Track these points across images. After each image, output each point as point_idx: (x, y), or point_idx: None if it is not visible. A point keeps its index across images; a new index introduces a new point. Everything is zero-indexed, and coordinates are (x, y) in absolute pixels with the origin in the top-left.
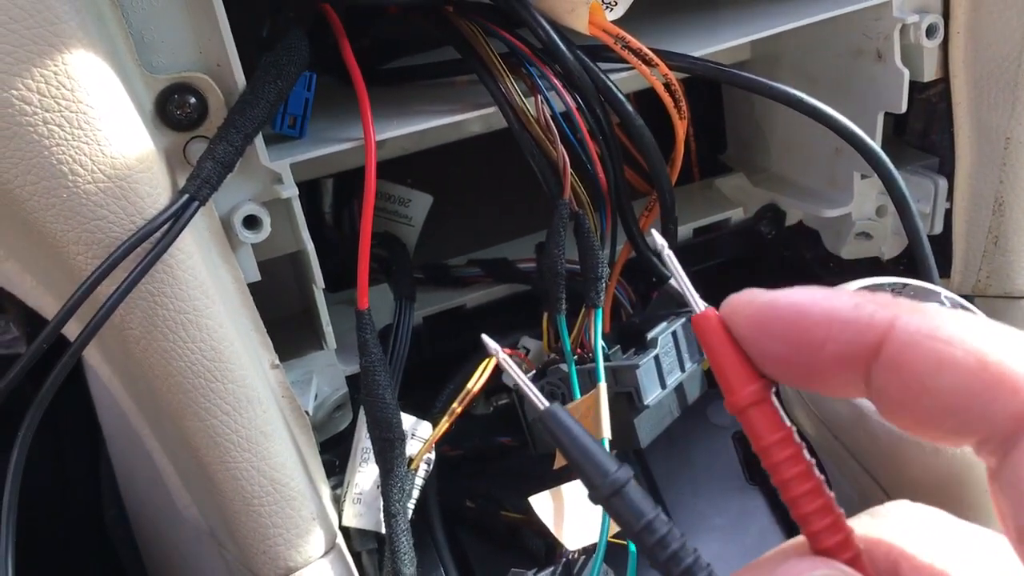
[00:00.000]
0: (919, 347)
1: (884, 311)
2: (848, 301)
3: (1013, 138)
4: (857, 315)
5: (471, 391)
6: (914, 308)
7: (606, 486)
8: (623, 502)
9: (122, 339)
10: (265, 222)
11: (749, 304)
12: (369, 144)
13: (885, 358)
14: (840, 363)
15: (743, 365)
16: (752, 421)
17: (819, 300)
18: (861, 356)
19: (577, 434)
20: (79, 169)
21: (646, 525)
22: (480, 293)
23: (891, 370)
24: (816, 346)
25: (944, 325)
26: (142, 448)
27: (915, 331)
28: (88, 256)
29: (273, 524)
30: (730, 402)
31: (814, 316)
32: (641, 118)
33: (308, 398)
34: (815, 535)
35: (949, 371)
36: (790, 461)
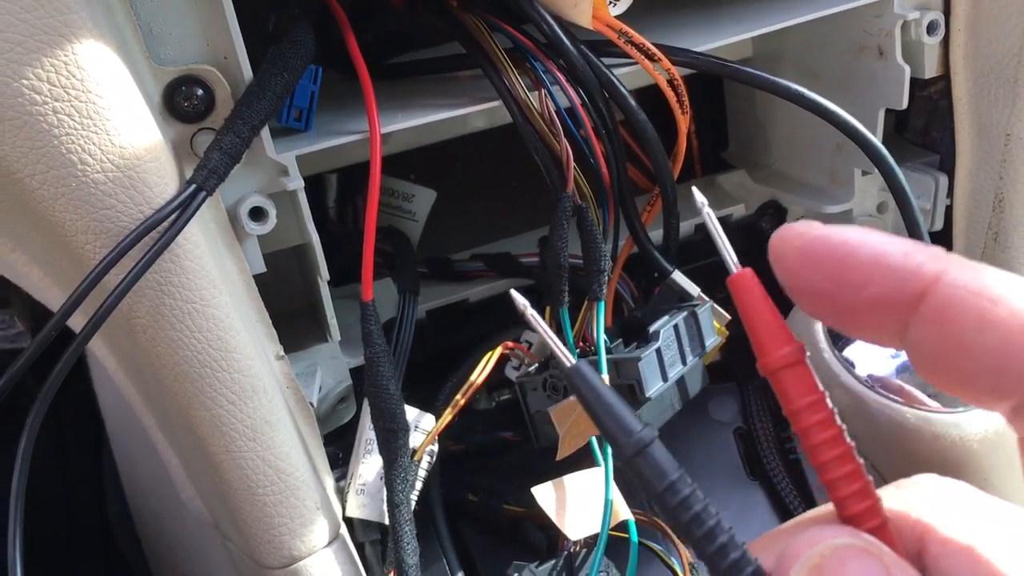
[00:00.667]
0: (964, 303)
1: (934, 263)
2: (899, 247)
3: (1013, 135)
4: (905, 262)
5: (474, 383)
6: (965, 264)
7: (630, 445)
8: (646, 462)
9: (129, 329)
10: (271, 214)
11: (801, 236)
12: (374, 136)
13: (927, 310)
14: (880, 307)
15: (777, 326)
16: (784, 383)
17: (870, 241)
18: (902, 304)
19: (602, 391)
20: (88, 159)
21: (669, 486)
22: (483, 287)
23: (932, 323)
24: (859, 286)
25: (993, 284)
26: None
27: (962, 286)
28: (96, 245)
29: (277, 513)
30: (763, 363)
31: (862, 255)
32: (644, 113)
33: (312, 390)
34: (842, 501)
35: (991, 330)
36: (820, 426)
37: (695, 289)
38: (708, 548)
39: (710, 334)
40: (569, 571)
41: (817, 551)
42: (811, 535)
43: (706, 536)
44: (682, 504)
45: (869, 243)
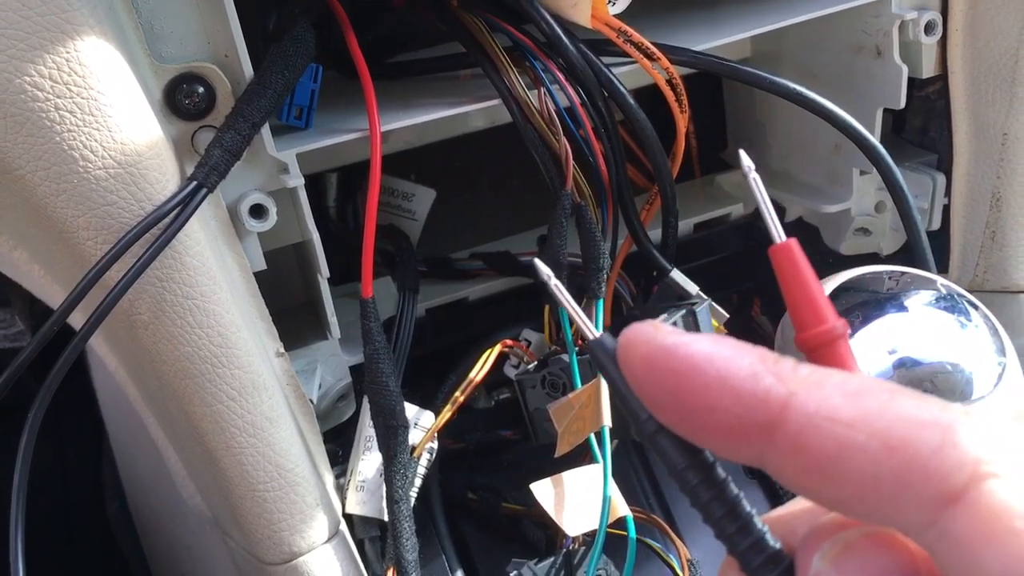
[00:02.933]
0: (816, 431)
1: (780, 386)
2: (746, 367)
3: (1010, 134)
4: (752, 388)
5: (473, 380)
6: (814, 383)
7: (653, 420)
8: (669, 438)
9: (130, 325)
10: (271, 211)
11: (647, 343)
12: (374, 133)
13: (781, 441)
14: (730, 434)
15: (819, 301)
16: (822, 361)
17: (717, 359)
18: (753, 433)
19: None
20: (90, 155)
21: (691, 463)
22: (482, 286)
23: (788, 455)
24: (704, 410)
25: (845, 405)
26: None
27: (813, 412)
28: (97, 241)
29: (277, 509)
30: (801, 339)
31: (707, 377)
32: (643, 112)
33: (312, 387)
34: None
35: (852, 458)
36: None
37: (693, 287)
38: (728, 528)
39: (708, 332)
40: (568, 568)
41: (842, 537)
42: (836, 520)
43: (727, 515)
44: (704, 482)
45: (715, 362)
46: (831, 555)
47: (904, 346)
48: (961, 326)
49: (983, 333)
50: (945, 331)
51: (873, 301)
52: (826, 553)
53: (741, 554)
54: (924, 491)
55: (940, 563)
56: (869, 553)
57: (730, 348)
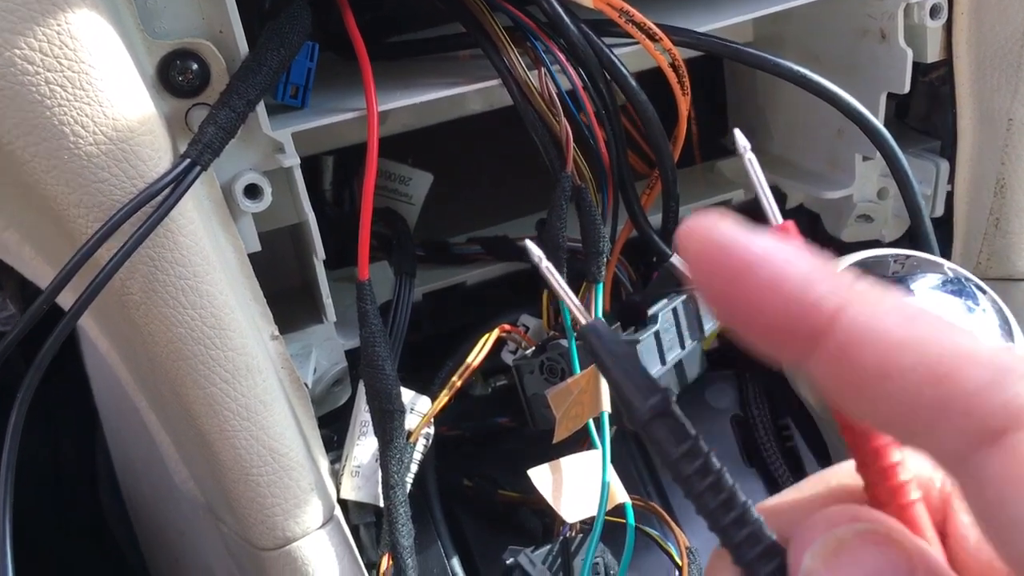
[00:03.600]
0: (863, 346)
1: (834, 296)
2: (800, 273)
3: (1016, 120)
4: (803, 294)
5: (471, 365)
6: (868, 299)
7: (645, 409)
8: (663, 427)
9: (122, 305)
10: (266, 191)
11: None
12: (371, 113)
13: (824, 351)
14: (776, 336)
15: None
16: None
17: (772, 260)
18: (799, 338)
19: (619, 351)
20: (81, 130)
21: (685, 453)
22: (480, 271)
23: (829, 365)
24: (752, 309)
25: (898, 325)
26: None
27: (862, 327)
28: (89, 219)
29: (271, 494)
30: None
31: (759, 277)
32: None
33: (307, 371)
34: (872, 477)
35: (895, 379)
36: None
37: None
38: (722, 519)
39: (709, 319)
40: (565, 556)
41: (835, 535)
42: (830, 516)
43: (721, 506)
44: (698, 472)
45: (770, 263)
46: (823, 553)
47: None
48: (968, 310)
49: (991, 317)
50: (952, 315)
51: None
52: (817, 551)
53: (735, 547)
54: (962, 426)
55: (966, 498)
56: (862, 552)
57: (788, 251)
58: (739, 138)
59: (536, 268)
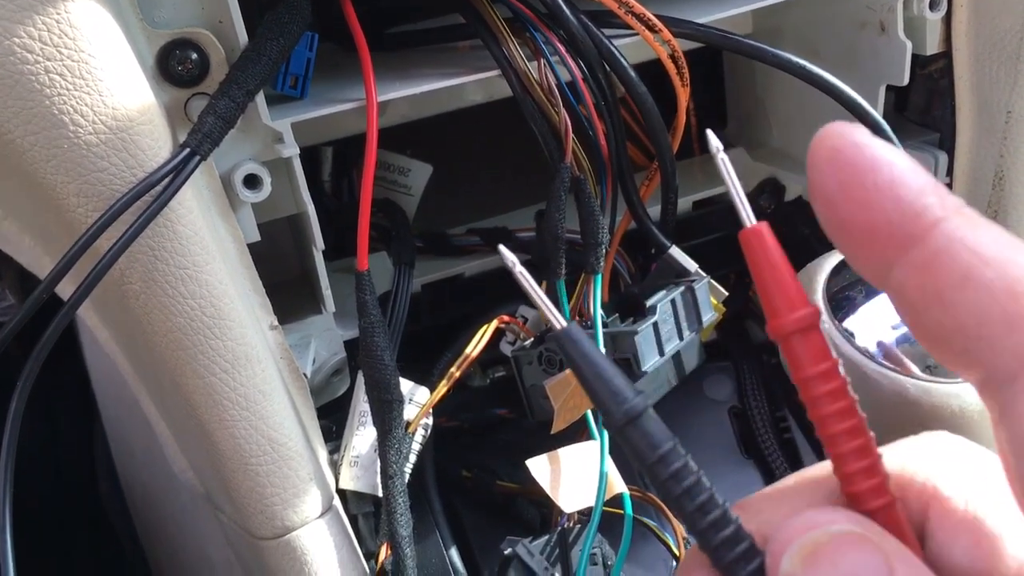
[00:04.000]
0: (952, 255)
1: (940, 209)
2: (917, 181)
3: (1014, 112)
4: (913, 199)
5: (469, 356)
6: (973, 219)
7: (621, 413)
8: (638, 431)
9: (121, 295)
10: (265, 181)
11: (840, 136)
12: (371, 103)
13: (916, 254)
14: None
15: (792, 287)
16: (795, 349)
17: (895, 168)
18: (897, 241)
19: (595, 356)
20: (80, 120)
21: (661, 457)
22: (479, 262)
23: (917, 268)
24: (863, 205)
25: (992, 244)
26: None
27: (958, 238)
28: (88, 209)
29: (270, 483)
30: (773, 326)
31: (880, 176)
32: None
33: (306, 361)
34: (848, 477)
35: (974, 289)
36: (831, 396)
37: (692, 265)
38: (699, 523)
39: (707, 310)
40: (562, 546)
41: (812, 538)
42: (807, 519)
43: (698, 510)
44: (674, 476)
45: (893, 168)
46: (800, 557)
47: None
48: None
49: None
50: None
51: None
52: (795, 554)
53: (713, 550)
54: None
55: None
56: (839, 554)
57: (911, 164)
58: (712, 139)
59: (510, 273)
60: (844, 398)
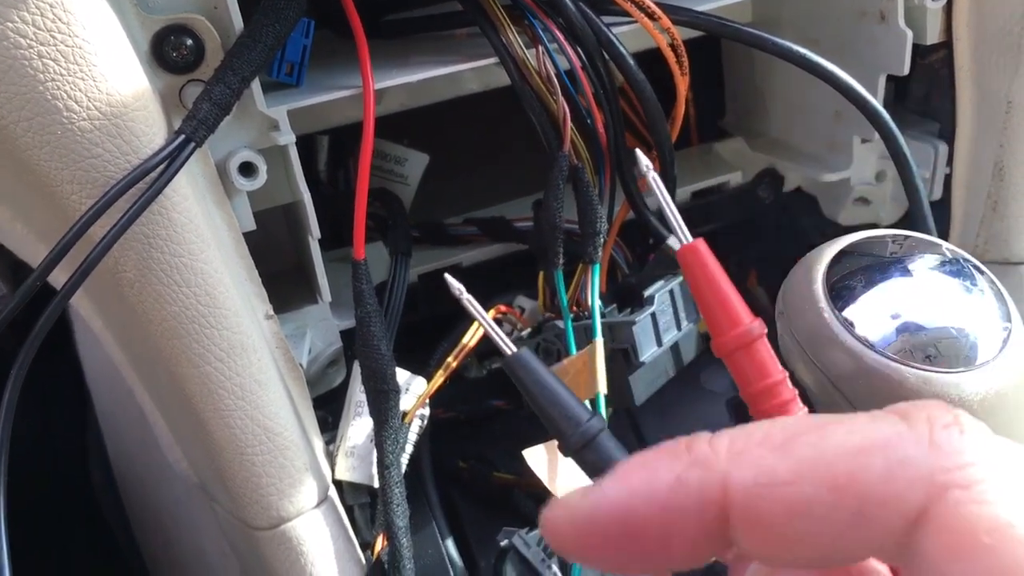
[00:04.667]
0: (763, 501)
1: (710, 474)
2: (667, 479)
3: (1015, 102)
4: (685, 494)
5: (466, 346)
6: (739, 452)
7: (577, 435)
8: (595, 453)
9: (116, 283)
10: (261, 169)
11: (569, 515)
12: (368, 91)
13: (736, 525)
14: (699, 548)
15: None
16: (739, 365)
17: (636, 492)
18: (715, 532)
19: (547, 381)
20: (74, 105)
21: None
22: (476, 252)
23: (747, 533)
24: (663, 542)
25: (778, 463)
26: (131, 408)
27: (752, 484)
28: (82, 196)
29: (266, 473)
30: (716, 344)
31: (643, 515)
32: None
33: (302, 352)
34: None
35: (807, 515)
36: (779, 410)
37: None
38: None
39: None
40: None
41: None
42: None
43: None
44: None
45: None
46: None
47: (907, 311)
48: (966, 291)
49: (989, 298)
50: (950, 296)
51: (876, 265)
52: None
53: None
54: (887, 521)
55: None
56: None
57: (639, 469)
58: (640, 159)
59: (457, 301)
60: (791, 413)
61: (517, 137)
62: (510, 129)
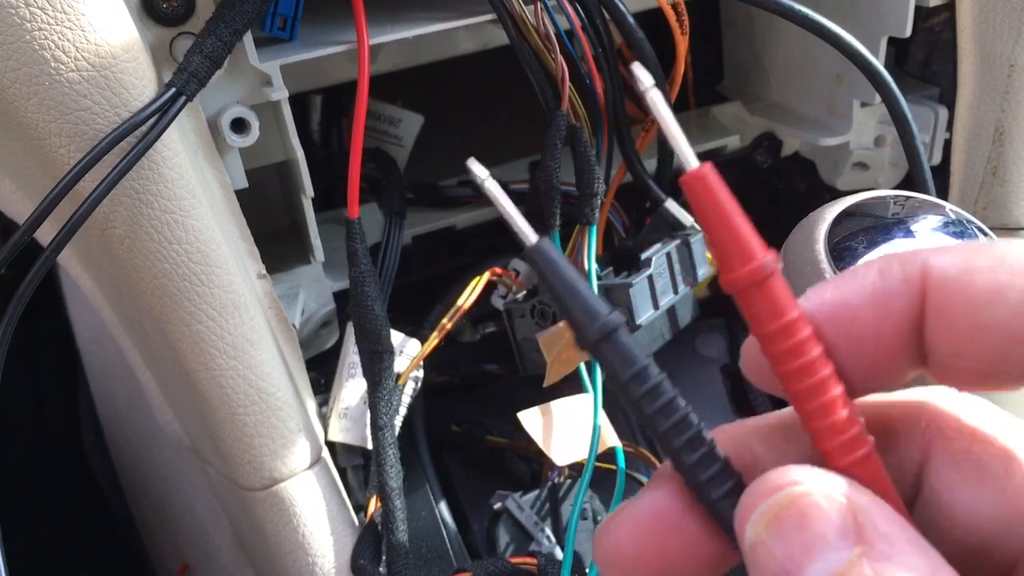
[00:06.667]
0: (961, 282)
1: (910, 262)
2: (872, 272)
3: (1017, 65)
4: (891, 277)
5: (461, 307)
6: (937, 248)
7: (595, 329)
8: (612, 348)
9: (105, 239)
10: (253, 126)
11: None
12: (362, 45)
13: (931, 306)
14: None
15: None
16: (751, 304)
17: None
18: (913, 318)
19: (567, 273)
20: (62, 56)
21: (635, 375)
22: (471, 214)
23: (938, 316)
24: (876, 333)
25: (978, 254)
26: (122, 370)
27: (950, 266)
28: (70, 149)
29: (258, 434)
30: (725, 281)
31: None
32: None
33: (295, 312)
34: (817, 434)
35: (1001, 299)
36: (792, 353)
37: (688, 218)
38: (674, 442)
39: (702, 264)
40: (553, 501)
41: (775, 502)
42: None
43: (673, 429)
44: (649, 394)
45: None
46: (764, 523)
47: None
48: None
49: None
50: None
51: (879, 226)
52: (758, 520)
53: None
54: None
55: None
56: (805, 518)
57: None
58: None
59: (480, 187)
60: (806, 353)
61: (514, 98)
62: (506, 90)
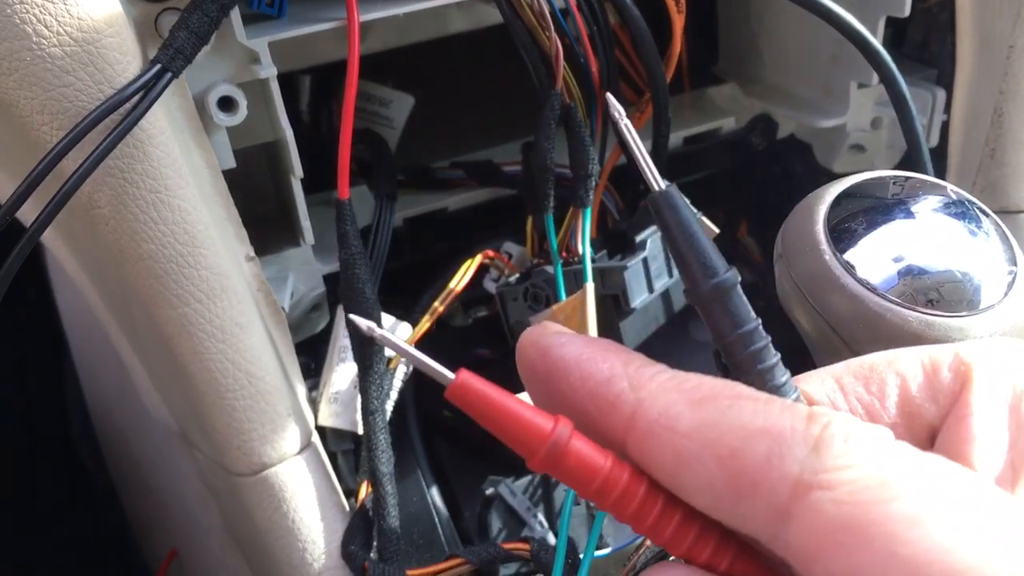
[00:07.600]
0: (658, 440)
1: (631, 392)
2: (605, 372)
3: (1016, 47)
4: (606, 392)
5: (453, 290)
6: (662, 389)
7: (710, 287)
8: (723, 306)
9: (90, 221)
10: (241, 104)
11: (532, 344)
12: (352, 22)
13: (632, 445)
14: (598, 432)
15: (526, 419)
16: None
17: (581, 362)
18: (613, 436)
19: (691, 224)
20: (43, 30)
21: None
22: (463, 196)
23: (638, 458)
24: (573, 408)
25: (685, 413)
26: (109, 354)
27: (654, 421)
28: (53, 127)
29: (248, 419)
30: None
31: (571, 379)
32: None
33: (284, 295)
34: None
35: (689, 469)
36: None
37: None
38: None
39: None
40: (546, 487)
41: None
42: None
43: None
44: (752, 357)
45: (580, 364)
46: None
47: (910, 254)
48: (971, 234)
49: (994, 241)
50: (954, 238)
51: (879, 207)
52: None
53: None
54: (757, 506)
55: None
56: None
57: (596, 350)
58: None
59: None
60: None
61: (506, 78)
62: (499, 70)
